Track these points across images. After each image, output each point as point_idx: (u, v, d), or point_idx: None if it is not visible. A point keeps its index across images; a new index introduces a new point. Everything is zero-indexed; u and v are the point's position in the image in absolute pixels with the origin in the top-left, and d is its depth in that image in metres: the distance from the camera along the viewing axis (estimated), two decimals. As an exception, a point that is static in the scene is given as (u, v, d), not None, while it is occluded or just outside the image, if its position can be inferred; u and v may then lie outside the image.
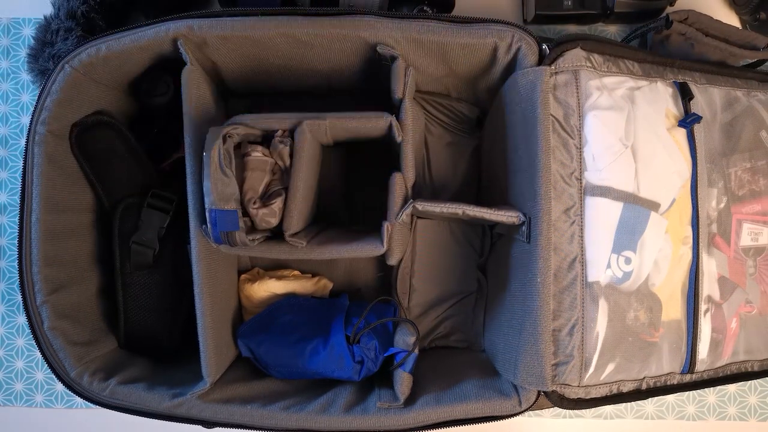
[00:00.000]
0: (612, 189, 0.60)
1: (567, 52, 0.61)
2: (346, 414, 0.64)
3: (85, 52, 0.63)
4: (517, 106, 0.64)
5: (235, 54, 0.67)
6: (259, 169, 0.64)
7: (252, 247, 0.63)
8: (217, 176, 0.59)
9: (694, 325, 0.64)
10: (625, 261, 0.61)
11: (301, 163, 0.63)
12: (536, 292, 0.60)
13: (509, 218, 0.63)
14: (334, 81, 0.74)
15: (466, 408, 0.64)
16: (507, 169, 0.68)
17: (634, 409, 0.84)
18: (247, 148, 0.64)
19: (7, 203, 0.84)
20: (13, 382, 0.85)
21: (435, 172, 0.81)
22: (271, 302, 0.76)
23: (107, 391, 0.65)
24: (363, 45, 0.65)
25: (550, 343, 0.60)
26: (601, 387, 0.62)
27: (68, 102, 0.65)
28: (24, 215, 0.64)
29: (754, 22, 0.79)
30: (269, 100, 0.79)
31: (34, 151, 0.64)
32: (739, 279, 0.68)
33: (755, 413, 0.84)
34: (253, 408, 0.65)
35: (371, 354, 0.68)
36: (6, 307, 0.85)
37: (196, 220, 0.64)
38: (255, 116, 0.64)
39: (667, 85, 0.66)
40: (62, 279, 0.66)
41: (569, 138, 0.60)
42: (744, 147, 0.69)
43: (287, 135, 0.65)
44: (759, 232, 0.69)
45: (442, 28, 0.63)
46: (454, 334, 0.81)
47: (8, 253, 0.84)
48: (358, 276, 0.82)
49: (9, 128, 0.84)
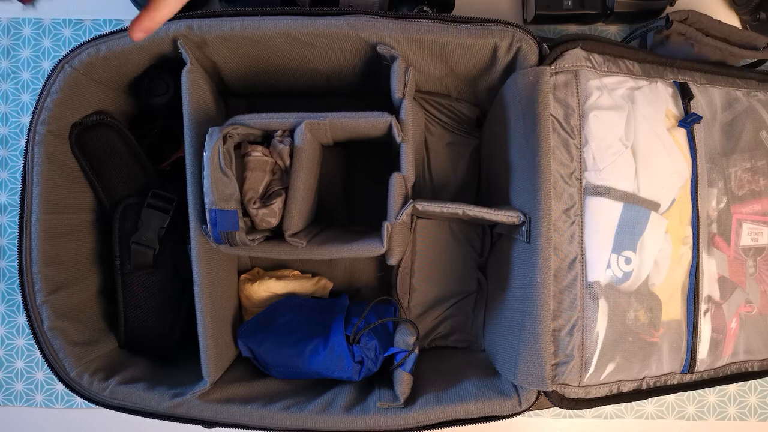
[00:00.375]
0: (612, 189, 0.60)
1: (567, 52, 0.61)
2: (346, 414, 0.64)
3: (85, 52, 0.63)
4: (517, 106, 0.64)
5: (235, 54, 0.67)
6: (260, 169, 0.64)
7: (252, 247, 0.64)
8: (217, 176, 0.59)
9: (694, 325, 0.64)
10: (625, 261, 0.61)
11: (301, 163, 0.63)
12: (536, 292, 0.60)
13: (509, 218, 0.63)
14: (334, 81, 0.74)
15: (466, 408, 0.64)
16: (507, 169, 0.68)
17: (634, 409, 0.84)
18: (247, 148, 0.64)
19: (7, 203, 0.84)
20: (13, 382, 0.85)
21: (435, 172, 0.81)
22: (271, 302, 0.76)
23: (107, 391, 0.65)
24: (363, 45, 0.65)
25: (550, 343, 0.60)
26: (601, 387, 0.62)
27: (68, 102, 0.65)
28: (24, 215, 0.64)
29: (754, 22, 0.79)
30: (269, 100, 0.79)
31: (34, 151, 0.64)
32: (739, 279, 0.68)
33: (755, 413, 0.84)
34: (253, 408, 0.65)
35: (371, 354, 0.68)
36: (6, 307, 0.85)
37: (196, 220, 0.64)
38: (255, 116, 0.64)
39: (667, 85, 0.66)
40: (62, 279, 0.66)
41: (569, 138, 0.60)
42: (744, 147, 0.69)
43: (287, 135, 0.65)
44: (759, 232, 0.69)
45: (442, 28, 0.63)
46: (454, 334, 0.81)
47: (8, 253, 0.84)
48: (358, 276, 0.82)
49: (9, 128, 0.84)
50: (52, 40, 0.84)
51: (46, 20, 0.84)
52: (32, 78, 0.84)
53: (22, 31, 0.84)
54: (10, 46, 0.84)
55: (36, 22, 0.84)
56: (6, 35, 0.84)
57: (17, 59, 0.84)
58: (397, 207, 0.63)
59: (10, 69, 0.84)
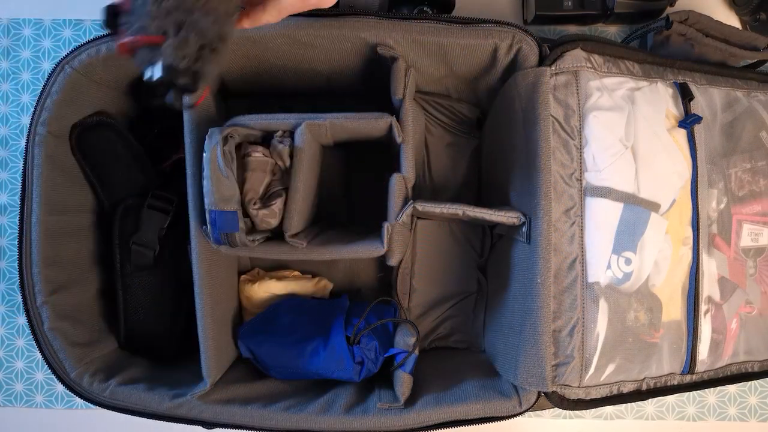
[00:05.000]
0: (612, 190, 0.60)
1: (567, 53, 0.61)
2: (346, 415, 0.64)
3: (85, 52, 0.63)
4: (517, 107, 0.64)
5: (235, 54, 0.67)
6: (260, 170, 0.64)
7: (252, 248, 0.63)
8: (217, 177, 0.59)
9: (694, 326, 0.64)
10: (626, 262, 0.61)
11: (301, 163, 0.63)
12: (536, 293, 0.60)
13: (509, 219, 0.63)
14: (334, 81, 0.74)
15: (466, 408, 0.64)
16: (507, 170, 0.68)
17: (635, 409, 0.84)
18: (248, 148, 0.64)
19: (7, 204, 0.84)
20: (13, 382, 0.85)
21: (435, 172, 0.81)
22: (272, 303, 0.76)
23: (107, 392, 0.65)
24: (363, 46, 0.65)
25: (550, 343, 0.60)
26: (601, 388, 0.62)
27: (68, 103, 0.65)
28: (24, 216, 0.64)
29: (754, 22, 0.79)
30: (269, 101, 0.79)
31: (34, 152, 0.64)
32: (739, 279, 0.68)
33: (755, 414, 0.84)
34: (253, 409, 0.65)
35: (371, 355, 0.68)
36: (6, 308, 0.85)
37: (196, 221, 0.64)
38: (255, 117, 0.64)
39: (668, 86, 0.66)
40: (62, 280, 0.66)
41: (569, 139, 0.60)
42: (744, 147, 0.69)
43: (287, 135, 0.65)
44: (759, 233, 0.69)
45: (443, 28, 0.63)
46: (455, 335, 0.81)
47: (8, 253, 0.84)
48: (359, 276, 0.82)
49: (9, 129, 0.84)
50: (52, 40, 0.84)
51: (46, 21, 0.84)
52: (32, 79, 0.84)
53: (22, 32, 0.84)
54: (10, 46, 0.84)
55: (36, 22, 0.84)
56: (6, 35, 0.84)
57: (17, 60, 0.84)
58: (398, 208, 0.63)
59: (10, 69, 0.84)
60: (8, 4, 0.84)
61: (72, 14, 0.84)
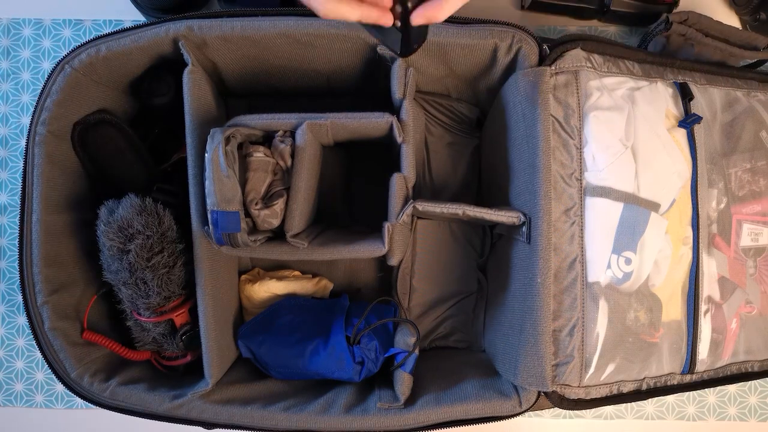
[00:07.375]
0: (612, 189, 0.60)
1: (567, 53, 0.61)
2: (347, 414, 0.64)
3: (84, 52, 0.63)
4: (517, 107, 0.64)
5: (235, 54, 0.67)
6: (261, 170, 0.64)
7: (254, 248, 0.64)
8: (219, 177, 0.59)
9: (694, 326, 0.64)
10: (626, 261, 0.61)
11: (302, 163, 0.63)
12: (536, 293, 0.60)
13: (509, 218, 0.63)
14: (334, 81, 0.74)
15: (466, 408, 0.64)
16: (507, 170, 0.68)
17: (635, 409, 0.84)
18: (249, 148, 0.64)
19: (8, 203, 0.84)
20: (13, 382, 0.85)
21: (435, 172, 0.81)
22: (272, 303, 0.76)
23: (108, 392, 0.65)
24: (363, 46, 0.65)
25: (550, 343, 0.60)
26: (601, 387, 0.62)
27: (68, 102, 0.65)
28: (24, 216, 0.64)
29: (754, 22, 0.79)
30: (269, 101, 0.79)
31: (34, 152, 0.64)
32: (739, 279, 0.68)
33: (755, 413, 0.84)
34: (253, 409, 0.65)
35: (371, 354, 0.68)
36: (6, 308, 0.85)
37: (197, 221, 0.64)
38: (256, 117, 0.64)
39: (668, 86, 0.66)
40: (63, 279, 0.66)
41: (569, 138, 0.60)
42: (744, 147, 0.69)
43: (288, 135, 0.65)
44: (759, 233, 0.69)
45: (442, 28, 0.63)
46: (455, 335, 0.81)
47: (8, 253, 0.84)
48: (359, 276, 0.82)
49: (9, 129, 0.84)
50: (52, 40, 0.84)
51: (46, 20, 0.84)
52: (32, 78, 0.84)
53: (22, 32, 0.84)
54: (10, 46, 0.84)
55: (36, 22, 0.84)
56: (6, 35, 0.84)
57: (17, 60, 0.84)
58: (398, 207, 0.63)
59: (10, 69, 0.84)
60: (8, 4, 0.84)
61: (72, 14, 0.84)
